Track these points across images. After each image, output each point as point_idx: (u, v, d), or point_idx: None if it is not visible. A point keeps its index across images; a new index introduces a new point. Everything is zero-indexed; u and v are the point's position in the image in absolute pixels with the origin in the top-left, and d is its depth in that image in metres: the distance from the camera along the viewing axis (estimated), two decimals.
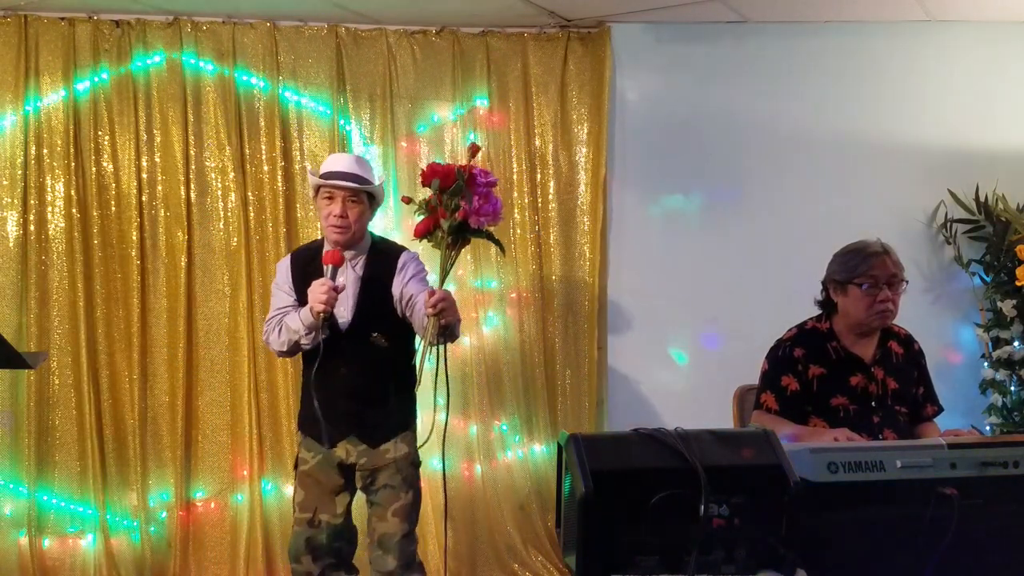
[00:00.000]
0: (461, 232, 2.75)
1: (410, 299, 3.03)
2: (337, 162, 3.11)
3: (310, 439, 3.13)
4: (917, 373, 3.04)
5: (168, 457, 4.22)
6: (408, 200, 2.85)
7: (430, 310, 2.77)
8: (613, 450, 1.90)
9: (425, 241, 2.81)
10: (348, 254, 3.07)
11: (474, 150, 2.85)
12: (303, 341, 2.98)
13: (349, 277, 3.07)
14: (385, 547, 3.08)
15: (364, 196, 3.05)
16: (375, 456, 3.09)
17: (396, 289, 3.06)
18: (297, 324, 2.97)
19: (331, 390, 3.01)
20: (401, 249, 3.22)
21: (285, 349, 3.04)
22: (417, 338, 3.10)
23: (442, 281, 2.79)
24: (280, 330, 3.04)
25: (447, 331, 2.85)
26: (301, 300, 3.04)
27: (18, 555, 4.07)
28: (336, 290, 2.88)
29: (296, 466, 3.19)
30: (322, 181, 3.04)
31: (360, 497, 3.22)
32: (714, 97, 4.53)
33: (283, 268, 3.18)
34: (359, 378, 3.06)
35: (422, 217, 2.78)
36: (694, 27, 4.51)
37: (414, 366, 3.05)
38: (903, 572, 2.01)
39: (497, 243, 2.95)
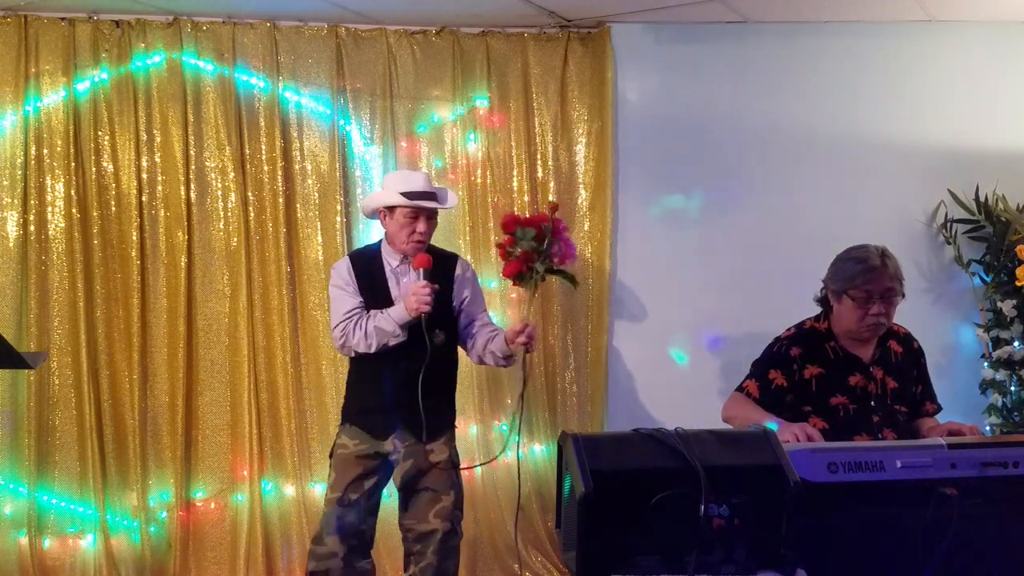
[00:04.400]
0: (550, 273, 3.27)
1: (472, 320, 3.35)
2: (416, 181, 3.27)
3: (357, 428, 3.25)
4: (916, 372, 3.04)
5: (168, 457, 4.22)
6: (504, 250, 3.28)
7: (524, 340, 3.13)
8: (613, 450, 1.91)
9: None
10: (411, 258, 3.24)
11: (553, 208, 3.33)
12: (392, 341, 3.13)
13: (411, 278, 3.22)
14: (425, 543, 3.22)
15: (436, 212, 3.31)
16: (420, 458, 3.22)
17: (457, 296, 3.30)
18: (392, 325, 3.13)
19: (394, 383, 3.19)
20: (454, 255, 3.43)
21: (373, 350, 3.15)
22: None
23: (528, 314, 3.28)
24: (364, 332, 3.15)
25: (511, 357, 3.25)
26: (368, 301, 3.21)
27: (18, 555, 4.07)
28: (434, 291, 3.10)
29: (332, 454, 3.30)
30: (412, 203, 3.20)
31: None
32: (714, 97, 4.52)
33: (343, 271, 3.27)
34: (421, 371, 3.18)
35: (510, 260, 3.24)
36: (694, 27, 4.50)
37: (455, 370, 3.37)
38: (903, 572, 2.01)
39: (572, 279, 3.37)
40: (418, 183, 3.25)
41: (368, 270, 3.24)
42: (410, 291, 3.10)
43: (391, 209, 3.23)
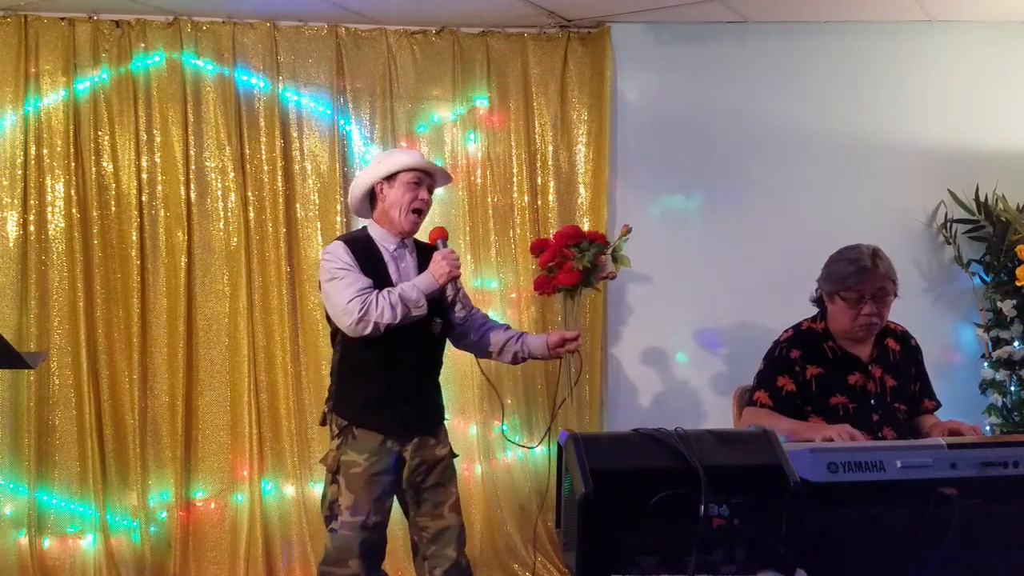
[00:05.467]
0: (592, 287, 3.46)
1: (471, 312, 3.26)
2: (415, 156, 3.23)
3: (365, 433, 3.03)
4: (915, 370, 3.05)
5: (168, 457, 4.22)
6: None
7: (572, 347, 3.18)
8: (613, 450, 1.90)
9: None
10: (408, 243, 3.14)
11: (627, 229, 3.46)
12: (415, 312, 2.97)
13: (409, 264, 3.14)
14: (444, 541, 3.13)
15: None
16: (426, 452, 3.13)
17: (450, 289, 3.17)
18: (416, 293, 2.98)
19: (397, 371, 3.05)
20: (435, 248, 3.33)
21: (398, 321, 2.94)
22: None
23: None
24: (389, 302, 2.94)
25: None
26: (376, 281, 3.02)
27: (18, 555, 4.07)
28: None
29: (337, 469, 3.05)
30: (424, 165, 3.14)
31: None
32: (714, 97, 4.53)
33: (342, 254, 3.04)
34: (420, 359, 3.12)
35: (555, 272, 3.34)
36: (694, 27, 4.51)
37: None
38: (903, 572, 2.01)
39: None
40: (419, 157, 3.23)
41: (366, 254, 3.07)
42: (436, 259, 3.01)
43: (390, 179, 3.08)
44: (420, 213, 3.11)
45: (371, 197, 3.14)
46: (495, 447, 4.43)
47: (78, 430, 4.15)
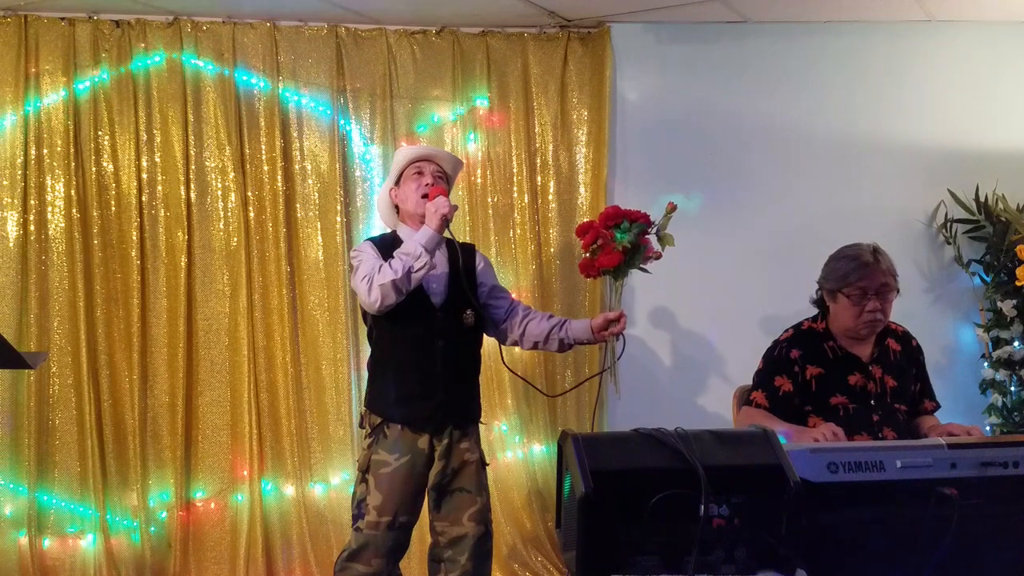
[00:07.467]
0: (639, 269, 3.26)
1: (513, 306, 3.28)
2: (408, 149, 3.34)
3: (397, 429, 3.06)
4: (915, 370, 3.05)
5: (168, 457, 4.22)
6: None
7: (617, 328, 3.11)
8: (613, 450, 1.91)
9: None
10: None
11: (672, 208, 3.29)
12: (418, 265, 2.95)
13: (438, 257, 3.12)
14: (459, 549, 3.11)
15: (444, 178, 3.24)
16: (454, 455, 3.12)
17: (485, 283, 3.25)
18: (412, 246, 2.96)
19: (429, 363, 3.07)
20: (471, 245, 3.40)
21: (400, 276, 2.92)
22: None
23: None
24: (390, 265, 2.95)
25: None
26: None
27: (18, 555, 4.07)
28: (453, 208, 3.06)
29: (367, 468, 3.08)
30: (414, 153, 3.23)
31: None
32: (714, 97, 4.53)
33: (365, 246, 3.15)
34: (453, 352, 3.11)
35: (599, 253, 3.17)
36: (694, 27, 4.51)
37: (479, 362, 3.27)
38: (903, 572, 2.01)
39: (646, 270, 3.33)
40: (413, 148, 3.34)
41: (392, 248, 3.09)
42: (427, 207, 3.01)
43: (398, 183, 3.20)
44: (428, 196, 3.11)
45: (395, 207, 3.25)
46: (495, 447, 4.43)
47: (78, 430, 4.15)
